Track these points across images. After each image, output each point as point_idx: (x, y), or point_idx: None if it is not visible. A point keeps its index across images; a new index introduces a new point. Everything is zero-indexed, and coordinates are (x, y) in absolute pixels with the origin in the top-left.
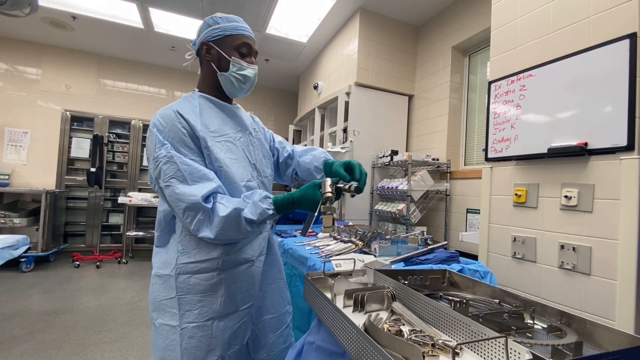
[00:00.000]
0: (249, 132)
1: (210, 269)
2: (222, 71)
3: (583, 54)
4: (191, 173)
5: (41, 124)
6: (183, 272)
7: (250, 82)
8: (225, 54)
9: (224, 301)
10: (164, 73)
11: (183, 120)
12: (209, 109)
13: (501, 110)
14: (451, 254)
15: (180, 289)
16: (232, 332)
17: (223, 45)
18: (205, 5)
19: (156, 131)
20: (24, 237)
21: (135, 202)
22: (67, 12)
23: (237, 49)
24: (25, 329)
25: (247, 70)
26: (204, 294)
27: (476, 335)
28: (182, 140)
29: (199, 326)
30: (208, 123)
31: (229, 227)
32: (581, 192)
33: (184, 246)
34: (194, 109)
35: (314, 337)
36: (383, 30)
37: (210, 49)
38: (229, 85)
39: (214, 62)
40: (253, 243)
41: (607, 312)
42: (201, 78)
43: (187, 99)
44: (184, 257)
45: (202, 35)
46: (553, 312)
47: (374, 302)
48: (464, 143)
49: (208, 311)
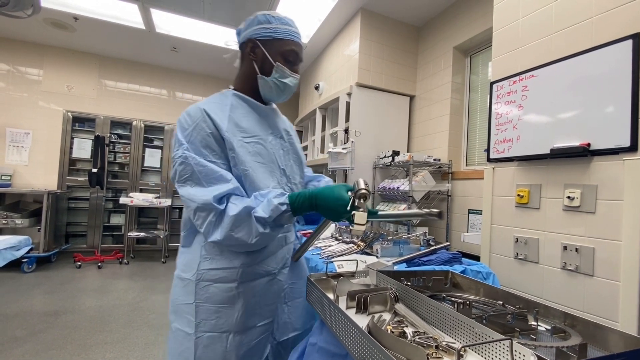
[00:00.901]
0: (281, 136)
1: (229, 279)
2: (264, 74)
3: (586, 54)
4: (206, 174)
5: (43, 125)
6: (203, 279)
7: (290, 91)
8: (270, 58)
9: (241, 316)
10: (166, 74)
11: (209, 120)
12: (242, 107)
13: (503, 110)
14: (453, 255)
15: (199, 296)
16: (248, 349)
17: (270, 47)
18: (207, 6)
19: (179, 129)
20: (26, 237)
21: (137, 203)
22: (68, 13)
23: (284, 55)
24: (26, 329)
25: (289, 79)
26: (222, 305)
27: (480, 337)
28: (205, 140)
29: (214, 337)
30: (239, 121)
31: (239, 227)
32: (584, 192)
33: (207, 251)
34: (224, 108)
35: (317, 339)
36: (384, 30)
37: (255, 47)
38: (267, 89)
39: (257, 62)
40: (277, 254)
41: (610, 313)
42: (239, 74)
43: (219, 96)
44: (206, 263)
45: (250, 30)
46: (556, 314)
47: (376, 303)
48: (465, 143)
49: (224, 324)
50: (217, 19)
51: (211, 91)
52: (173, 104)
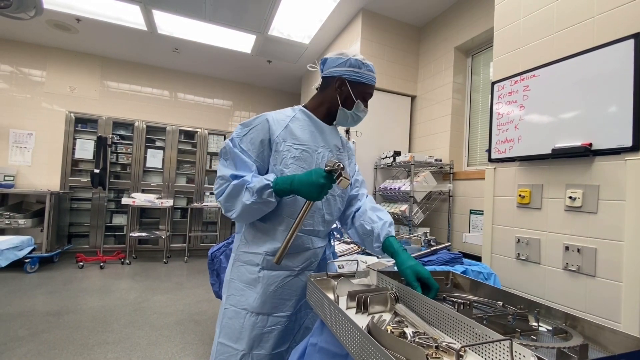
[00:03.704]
0: (331, 150)
1: (254, 263)
2: (345, 107)
3: (587, 54)
4: (237, 161)
5: (46, 126)
6: (238, 259)
7: (360, 120)
8: (353, 96)
9: (258, 298)
10: (167, 75)
11: (267, 126)
12: (302, 121)
13: (504, 110)
14: (455, 256)
15: (233, 274)
16: (260, 333)
17: (355, 88)
18: (209, 7)
19: (240, 125)
20: (29, 238)
21: (139, 203)
22: (71, 15)
23: (363, 95)
24: (29, 329)
25: (362, 113)
26: (247, 284)
27: (480, 338)
28: (253, 138)
29: (236, 312)
30: (294, 131)
31: (234, 193)
32: (586, 193)
33: (245, 236)
34: (286, 119)
35: (317, 339)
36: (385, 31)
37: (343, 85)
38: (342, 118)
39: (341, 96)
40: (300, 255)
41: (612, 314)
42: (317, 97)
43: (290, 109)
44: (243, 246)
45: (341, 69)
46: (558, 314)
47: (377, 303)
48: (467, 144)
49: (245, 302)
50: (219, 20)
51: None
52: (175, 105)
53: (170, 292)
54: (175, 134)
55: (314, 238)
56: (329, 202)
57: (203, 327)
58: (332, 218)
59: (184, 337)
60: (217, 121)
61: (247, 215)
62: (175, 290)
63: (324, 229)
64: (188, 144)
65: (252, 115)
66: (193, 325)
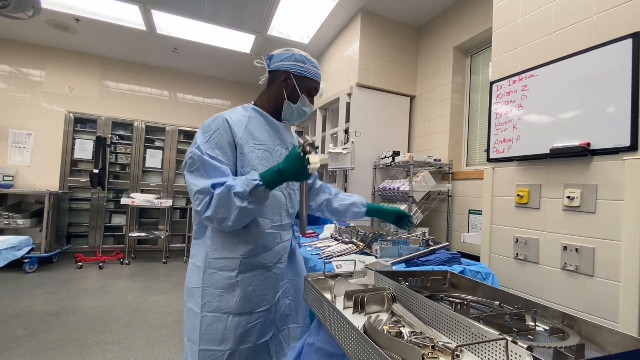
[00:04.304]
0: (287, 147)
1: (230, 268)
2: (290, 101)
3: (585, 53)
4: (208, 170)
5: (45, 126)
6: (210, 267)
7: (305, 117)
8: (298, 90)
9: (239, 300)
10: (167, 75)
11: (228, 127)
12: (258, 120)
13: (503, 110)
14: (453, 255)
15: (205, 281)
16: (244, 330)
17: (300, 82)
18: (208, 7)
19: (200, 130)
20: (27, 238)
21: (138, 203)
22: (70, 15)
23: (309, 90)
24: (27, 329)
25: (307, 108)
26: (223, 290)
27: (476, 337)
28: (219, 143)
29: (216, 317)
30: (253, 131)
31: (221, 203)
32: (584, 192)
33: (212, 242)
34: (243, 119)
35: (314, 339)
36: (384, 31)
37: (288, 79)
38: (288, 112)
39: (287, 90)
40: (272, 250)
41: (610, 313)
42: (264, 94)
43: (241, 108)
44: (212, 253)
45: (286, 63)
46: (555, 314)
47: (374, 303)
48: (465, 144)
49: (225, 306)
50: (218, 20)
51: (212, 92)
52: (174, 105)
53: (169, 292)
54: (174, 134)
55: (282, 232)
56: (290, 197)
57: None
58: (294, 210)
59: (182, 337)
60: None
61: (244, 219)
62: (174, 290)
63: (289, 222)
64: (187, 144)
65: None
66: None
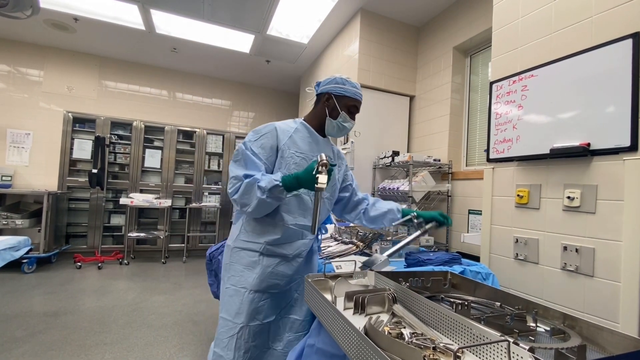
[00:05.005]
0: None
1: (255, 250)
2: (331, 117)
3: (585, 53)
4: (248, 162)
5: (43, 126)
6: (237, 246)
7: (346, 131)
8: (339, 107)
9: (256, 278)
10: (166, 74)
11: (275, 134)
12: (303, 132)
13: (503, 110)
14: (453, 256)
15: (232, 258)
16: (256, 307)
17: (340, 101)
18: (207, 6)
19: (252, 131)
20: (26, 238)
21: (137, 204)
22: (68, 14)
23: (348, 107)
24: (26, 330)
25: (347, 124)
26: (246, 267)
27: (478, 339)
28: (264, 144)
29: (236, 290)
30: (297, 141)
31: (247, 190)
32: (584, 193)
33: (245, 227)
34: (290, 129)
35: (314, 340)
36: (384, 31)
37: (330, 99)
38: (330, 127)
39: (329, 109)
40: (293, 244)
41: (610, 314)
42: (312, 112)
43: (291, 121)
44: (242, 236)
45: (329, 86)
46: (556, 315)
47: (374, 304)
48: (465, 144)
49: (244, 282)
50: (217, 19)
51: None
52: (173, 105)
53: (169, 292)
54: (173, 134)
55: (305, 231)
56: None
57: (201, 327)
58: (321, 217)
59: (182, 337)
60: (215, 121)
61: (262, 209)
62: (173, 291)
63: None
64: (186, 144)
65: (250, 115)
66: (191, 326)
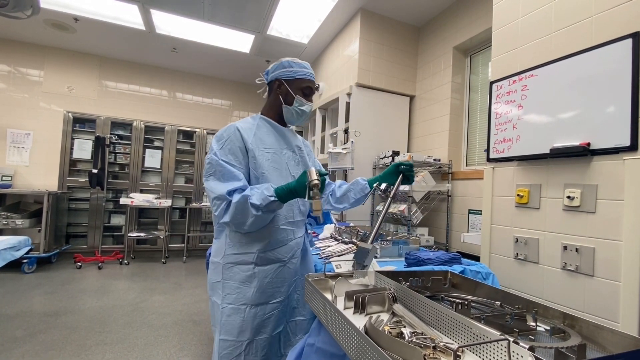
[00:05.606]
0: (293, 150)
1: (248, 262)
2: (287, 104)
3: (585, 53)
4: (224, 174)
5: (43, 126)
6: (228, 261)
7: (306, 115)
8: (292, 92)
9: (255, 292)
10: (166, 74)
11: (239, 135)
12: (265, 127)
13: (503, 110)
14: (453, 256)
15: (224, 275)
16: (261, 321)
17: (292, 85)
18: (207, 7)
19: (215, 139)
20: (26, 238)
21: (137, 204)
22: (69, 14)
23: (302, 90)
24: (26, 330)
25: (305, 107)
26: (241, 282)
27: (478, 338)
28: (232, 149)
29: (235, 309)
30: (262, 137)
31: (239, 211)
32: (584, 192)
33: (231, 239)
34: (252, 127)
35: (314, 339)
36: (384, 31)
37: (281, 85)
38: (289, 115)
39: (282, 96)
40: (286, 245)
41: (610, 313)
42: (267, 103)
43: (250, 118)
44: (230, 249)
45: (277, 72)
46: (556, 314)
47: (374, 303)
48: (465, 143)
49: (243, 298)
50: (217, 19)
51: (211, 92)
52: (173, 105)
53: (169, 292)
54: (173, 134)
55: (295, 229)
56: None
57: (201, 327)
58: (305, 208)
59: (182, 337)
60: (215, 121)
61: (260, 224)
62: (173, 291)
63: (301, 219)
64: (187, 144)
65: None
66: (191, 326)
